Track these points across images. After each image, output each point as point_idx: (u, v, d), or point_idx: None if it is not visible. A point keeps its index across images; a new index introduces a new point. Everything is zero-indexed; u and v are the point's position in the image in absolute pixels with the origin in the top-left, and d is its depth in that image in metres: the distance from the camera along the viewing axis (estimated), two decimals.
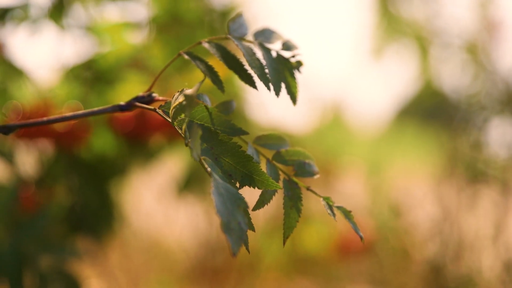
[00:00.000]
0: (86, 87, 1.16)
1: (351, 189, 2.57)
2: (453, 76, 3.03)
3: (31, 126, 0.88)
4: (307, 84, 2.79)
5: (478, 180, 2.29)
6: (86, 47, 1.18)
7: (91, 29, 1.14)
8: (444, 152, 2.40)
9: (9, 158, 1.08)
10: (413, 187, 2.71)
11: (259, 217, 2.28)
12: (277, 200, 0.74)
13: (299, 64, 0.75)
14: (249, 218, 0.63)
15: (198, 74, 1.18)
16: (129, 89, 1.15)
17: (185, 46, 1.16)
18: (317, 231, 2.19)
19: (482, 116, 2.59)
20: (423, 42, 3.19)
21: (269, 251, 2.21)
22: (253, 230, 0.66)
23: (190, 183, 1.35)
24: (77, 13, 1.13)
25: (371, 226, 2.27)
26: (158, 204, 2.54)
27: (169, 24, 1.16)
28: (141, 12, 1.17)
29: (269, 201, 0.71)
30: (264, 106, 2.25)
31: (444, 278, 2.17)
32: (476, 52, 2.91)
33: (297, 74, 0.74)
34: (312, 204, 2.20)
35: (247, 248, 0.62)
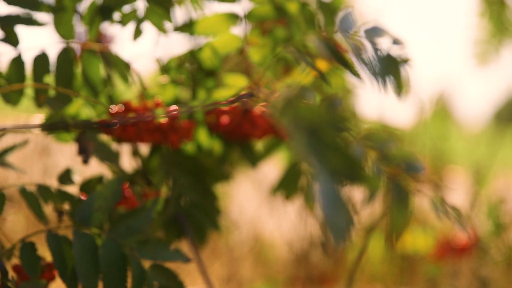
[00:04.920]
0: (187, 86, 1.16)
1: (455, 188, 2.53)
2: None
3: (135, 122, 0.88)
4: (412, 80, 2.76)
5: None
6: (187, 41, 1.18)
7: (190, 25, 1.13)
8: None
9: (115, 159, 1.08)
10: None
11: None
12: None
13: (406, 60, 0.74)
14: (352, 217, 0.61)
15: (297, 79, 1.17)
16: (232, 93, 1.14)
17: (285, 43, 1.15)
18: (419, 234, 2.16)
19: None
20: None
21: (365, 257, 2.19)
22: (356, 228, 0.65)
23: (289, 184, 1.33)
24: (176, 13, 1.12)
25: (476, 226, 2.23)
26: (261, 205, 2.54)
27: (269, 18, 1.14)
28: (239, 6, 1.15)
29: (373, 201, 0.70)
30: (370, 100, 2.24)
31: None
32: None
33: (404, 70, 0.73)
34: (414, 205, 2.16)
35: (350, 245, 0.61)
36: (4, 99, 1.01)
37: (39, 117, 1.09)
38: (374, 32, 0.74)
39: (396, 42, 0.75)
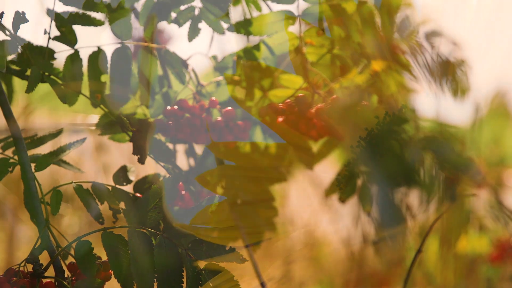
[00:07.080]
0: (242, 86, 1.15)
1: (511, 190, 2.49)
2: None
3: (191, 121, 0.88)
4: (470, 82, 2.73)
5: None
6: (242, 39, 1.17)
7: (246, 23, 1.12)
8: None
9: (170, 158, 1.08)
10: None
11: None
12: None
13: (464, 63, 0.73)
14: (408, 220, 0.61)
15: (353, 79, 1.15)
16: (288, 93, 1.13)
17: (342, 44, 1.14)
18: (476, 237, 2.14)
19: None
20: None
21: (421, 260, 2.16)
22: (412, 230, 0.64)
23: (345, 186, 1.31)
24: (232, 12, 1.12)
25: None
26: (316, 206, 2.53)
27: (325, 18, 1.13)
28: (294, 5, 1.13)
29: (430, 206, 0.69)
30: (426, 100, 2.21)
31: None
32: None
33: (461, 72, 0.72)
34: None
35: (406, 248, 0.60)
36: (60, 98, 1.01)
37: (95, 117, 1.09)
38: (431, 35, 0.73)
39: (453, 43, 0.74)
